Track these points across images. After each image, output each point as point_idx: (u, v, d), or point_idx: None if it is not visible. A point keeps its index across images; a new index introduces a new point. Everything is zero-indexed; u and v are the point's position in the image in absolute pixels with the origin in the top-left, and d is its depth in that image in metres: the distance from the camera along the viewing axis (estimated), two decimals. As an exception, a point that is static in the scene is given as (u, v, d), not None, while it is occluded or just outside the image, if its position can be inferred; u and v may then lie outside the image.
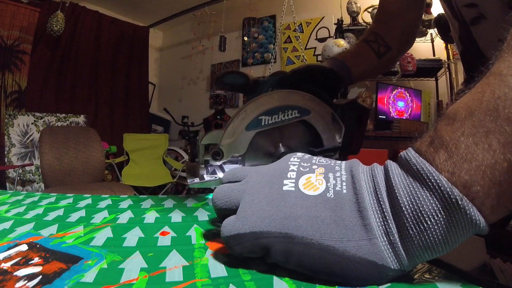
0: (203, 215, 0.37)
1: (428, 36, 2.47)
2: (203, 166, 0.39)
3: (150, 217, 0.35)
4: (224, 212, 0.24)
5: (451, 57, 2.38)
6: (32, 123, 2.71)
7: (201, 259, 0.24)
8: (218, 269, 0.22)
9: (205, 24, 3.50)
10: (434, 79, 2.56)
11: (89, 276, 0.21)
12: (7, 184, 2.57)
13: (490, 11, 0.40)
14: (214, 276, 0.21)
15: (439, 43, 2.45)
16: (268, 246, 0.21)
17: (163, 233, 0.30)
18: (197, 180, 0.38)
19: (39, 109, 2.81)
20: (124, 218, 0.35)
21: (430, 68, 2.42)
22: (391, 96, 2.42)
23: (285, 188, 0.22)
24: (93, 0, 3.35)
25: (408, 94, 2.48)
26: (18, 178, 2.51)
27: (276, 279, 0.21)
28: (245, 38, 3.49)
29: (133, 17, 3.82)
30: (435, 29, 2.26)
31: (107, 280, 0.20)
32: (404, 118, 2.40)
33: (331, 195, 0.21)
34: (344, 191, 0.21)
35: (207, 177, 0.38)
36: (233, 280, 0.21)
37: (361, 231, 0.19)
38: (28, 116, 2.71)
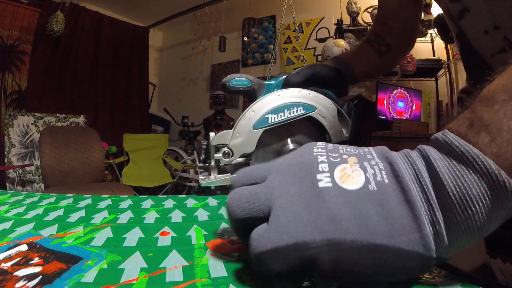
0: (203, 215, 0.37)
1: (428, 36, 2.47)
2: (214, 166, 0.40)
3: (150, 217, 0.35)
4: (245, 222, 0.20)
5: (451, 57, 2.38)
6: (32, 124, 2.71)
7: (201, 259, 0.24)
8: (218, 269, 0.22)
9: (205, 24, 3.50)
10: (434, 79, 2.56)
11: (89, 276, 0.21)
12: (7, 184, 2.57)
13: (472, 3, 0.41)
14: (214, 276, 0.21)
15: (439, 43, 2.44)
16: (315, 257, 0.18)
17: (163, 233, 0.30)
18: (208, 179, 0.39)
19: (39, 109, 2.81)
20: (124, 218, 0.35)
21: (430, 68, 2.42)
22: (391, 96, 2.42)
23: (321, 184, 0.19)
24: (93, 1, 3.35)
25: (408, 94, 2.47)
26: (18, 178, 2.51)
27: (276, 279, 0.21)
28: (245, 39, 3.49)
29: (133, 17, 3.82)
30: (435, 29, 2.26)
31: (107, 280, 0.20)
32: (404, 118, 2.40)
33: (374, 187, 0.19)
34: (386, 181, 0.19)
35: (219, 176, 0.39)
36: (233, 280, 0.21)
37: (412, 223, 0.18)
38: (28, 116, 2.71)
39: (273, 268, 0.19)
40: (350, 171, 0.20)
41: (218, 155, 0.38)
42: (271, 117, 0.39)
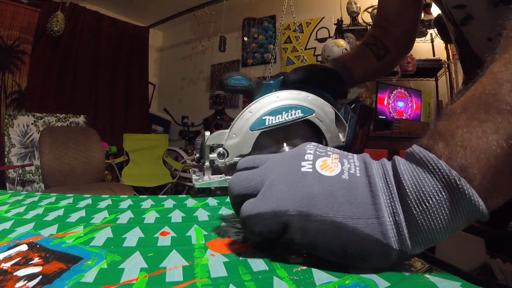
0: (203, 215, 0.37)
1: (428, 36, 2.47)
2: (208, 166, 0.39)
3: (150, 217, 0.35)
4: (242, 198, 0.24)
5: (451, 57, 2.38)
6: (32, 124, 2.71)
7: (201, 259, 0.24)
8: (218, 269, 0.22)
9: (205, 24, 3.50)
10: (434, 79, 2.56)
11: (89, 276, 0.21)
12: (7, 184, 2.58)
13: (477, 11, 0.41)
14: (214, 276, 0.21)
15: (439, 43, 2.45)
16: (287, 223, 0.22)
17: (163, 233, 0.30)
18: (202, 180, 0.39)
19: (39, 109, 2.81)
20: (124, 218, 0.35)
21: (430, 68, 2.42)
22: (391, 96, 2.42)
23: (303, 169, 0.23)
24: (93, 0, 3.35)
25: (408, 94, 2.48)
26: (18, 178, 2.51)
27: (276, 279, 0.21)
28: (245, 38, 3.49)
29: (133, 17, 3.82)
30: (435, 29, 2.26)
31: (107, 280, 0.20)
32: (404, 118, 2.40)
33: (346, 177, 0.22)
34: (358, 174, 0.22)
35: (213, 177, 0.39)
36: (233, 280, 0.21)
37: (371, 210, 0.21)
38: (28, 116, 2.71)
39: (255, 229, 0.23)
40: (330, 162, 0.24)
41: (213, 155, 0.38)
42: (269, 119, 0.38)
